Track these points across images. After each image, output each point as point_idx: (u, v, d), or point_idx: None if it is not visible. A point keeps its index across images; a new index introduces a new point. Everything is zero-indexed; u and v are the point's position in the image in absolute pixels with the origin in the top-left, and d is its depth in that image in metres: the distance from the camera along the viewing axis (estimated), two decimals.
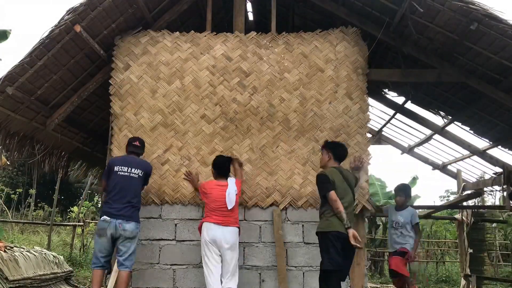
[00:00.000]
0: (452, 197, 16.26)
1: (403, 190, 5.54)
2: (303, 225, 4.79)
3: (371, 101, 6.20)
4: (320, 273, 3.89)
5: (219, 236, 4.21)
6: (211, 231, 4.24)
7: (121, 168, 4.35)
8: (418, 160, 8.52)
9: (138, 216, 4.40)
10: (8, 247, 5.98)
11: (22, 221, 13.04)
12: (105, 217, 4.22)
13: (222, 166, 4.51)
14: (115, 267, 4.62)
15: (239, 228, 4.38)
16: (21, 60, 4.57)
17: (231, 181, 4.45)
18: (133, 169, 4.36)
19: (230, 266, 4.26)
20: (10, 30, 5.87)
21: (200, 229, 4.38)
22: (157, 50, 5.12)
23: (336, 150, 4.17)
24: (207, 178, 4.79)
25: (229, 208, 4.27)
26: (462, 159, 7.90)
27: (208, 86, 5.03)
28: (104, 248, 4.27)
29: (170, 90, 5.03)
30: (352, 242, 3.73)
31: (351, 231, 3.76)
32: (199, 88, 5.03)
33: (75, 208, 13.29)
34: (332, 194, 3.84)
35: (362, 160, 4.38)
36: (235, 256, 4.29)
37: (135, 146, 4.53)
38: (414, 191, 14.86)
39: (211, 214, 4.31)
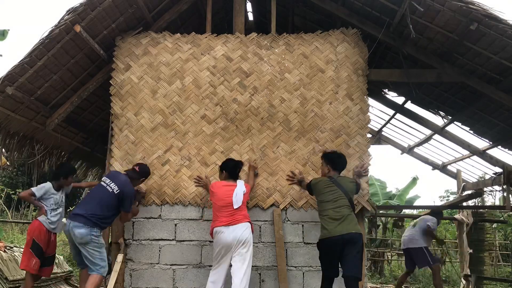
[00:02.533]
0: (452, 197, 16.26)
1: None
2: (303, 225, 4.79)
3: (370, 101, 6.20)
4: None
5: (232, 237, 4.12)
6: (222, 234, 4.15)
7: (105, 179, 4.36)
8: (418, 160, 8.54)
9: (97, 224, 4.17)
10: (8, 247, 5.99)
11: (22, 221, 13.01)
12: (65, 219, 4.21)
13: (233, 170, 4.47)
14: (115, 267, 4.64)
15: (250, 223, 4.30)
16: (21, 60, 4.57)
17: (240, 182, 4.43)
18: (112, 183, 4.28)
19: (243, 264, 4.12)
20: (8, 29, 5.87)
21: (212, 234, 4.33)
22: (158, 51, 5.12)
23: (335, 163, 4.36)
24: (209, 178, 4.80)
25: (235, 208, 4.22)
26: (462, 159, 7.92)
27: (209, 87, 5.03)
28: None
29: (170, 91, 5.04)
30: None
31: None
32: (199, 89, 5.03)
33: None
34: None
35: (365, 169, 4.68)
36: (248, 254, 4.17)
37: (133, 170, 4.50)
38: (414, 191, 14.95)
39: (218, 216, 4.25)
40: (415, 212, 15.31)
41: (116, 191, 4.24)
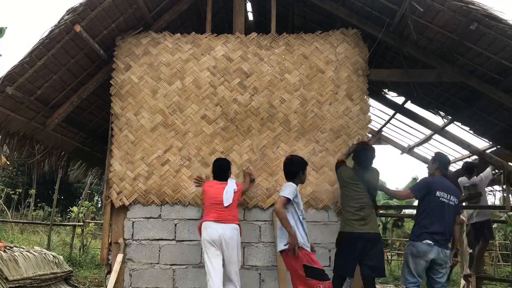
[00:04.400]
0: None
1: None
2: None
3: (370, 101, 6.20)
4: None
5: (219, 234, 4.13)
6: (210, 229, 4.16)
7: (442, 194, 4.15)
8: (418, 160, 8.53)
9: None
10: (8, 247, 5.98)
11: (22, 221, 13.04)
12: (428, 241, 4.05)
13: (218, 170, 4.45)
14: (115, 267, 4.63)
15: (239, 225, 4.32)
16: (21, 60, 4.57)
17: (232, 181, 4.44)
18: (451, 197, 4.16)
19: (233, 265, 4.18)
20: (6, 27, 5.89)
21: (200, 229, 4.35)
22: (158, 51, 5.12)
23: (356, 157, 4.37)
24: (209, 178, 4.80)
25: (225, 205, 4.22)
26: (462, 159, 7.91)
27: (209, 87, 5.03)
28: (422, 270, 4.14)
29: (170, 91, 5.04)
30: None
31: None
32: (199, 89, 5.03)
33: (74, 208, 13.28)
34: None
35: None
36: (237, 255, 4.21)
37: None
38: None
39: (209, 212, 4.26)
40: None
41: (456, 202, 4.19)
